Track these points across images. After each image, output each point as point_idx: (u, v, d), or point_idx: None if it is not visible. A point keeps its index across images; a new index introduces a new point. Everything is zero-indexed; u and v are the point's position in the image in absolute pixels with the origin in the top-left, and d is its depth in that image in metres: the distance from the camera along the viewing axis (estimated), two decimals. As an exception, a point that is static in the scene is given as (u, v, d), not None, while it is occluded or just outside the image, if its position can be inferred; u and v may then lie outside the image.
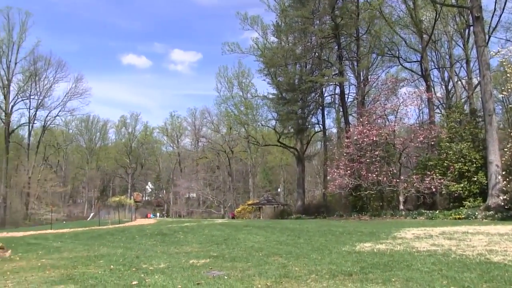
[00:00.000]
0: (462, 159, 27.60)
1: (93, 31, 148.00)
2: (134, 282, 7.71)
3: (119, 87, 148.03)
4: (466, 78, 39.68)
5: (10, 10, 66.20)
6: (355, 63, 39.76)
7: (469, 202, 25.69)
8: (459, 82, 42.62)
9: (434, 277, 7.12)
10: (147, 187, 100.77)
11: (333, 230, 16.61)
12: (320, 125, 47.39)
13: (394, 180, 27.81)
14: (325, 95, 46.98)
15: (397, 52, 39.42)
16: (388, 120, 32.03)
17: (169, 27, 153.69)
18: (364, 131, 28.54)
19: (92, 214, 71.20)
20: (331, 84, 44.14)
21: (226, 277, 7.94)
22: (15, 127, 71.48)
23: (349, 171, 29.14)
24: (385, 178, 27.55)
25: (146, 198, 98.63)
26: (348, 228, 17.75)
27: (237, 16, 49.44)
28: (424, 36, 35.32)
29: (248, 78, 66.76)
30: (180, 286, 7.22)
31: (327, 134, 48.35)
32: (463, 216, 23.00)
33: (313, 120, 46.94)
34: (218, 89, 69.54)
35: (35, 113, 71.74)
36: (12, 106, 67.99)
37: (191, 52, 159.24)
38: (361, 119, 30.73)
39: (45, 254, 13.58)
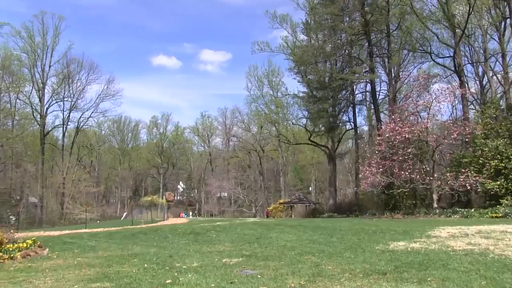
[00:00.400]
0: (498, 156, 26.82)
1: (124, 33, 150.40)
2: (168, 281, 7.79)
3: (150, 88, 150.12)
4: (502, 72, 38.54)
5: (45, 15, 67.81)
6: (386, 60, 39.23)
7: (507, 200, 24.96)
8: (494, 77, 41.44)
9: (471, 277, 6.97)
10: (178, 186, 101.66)
11: (365, 229, 16.44)
12: (351, 123, 47.07)
13: (427, 177, 27.30)
14: (356, 93, 46.65)
15: (429, 48, 38.57)
16: (420, 117, 31.45)
17: (198, 27, 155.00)
18: (396, 128, 28.13)
19: (125, 214, 72.35)
20: (362, 82, 43.78)
21: (259, 276, 7.94)
22: (50, 128, 73.27)
23: (381, 169, 28.78)
24: (418, 176, 27.09)
25: (178, 197, 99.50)
26: (381, 226, 17.53)
27: (266, 15, 49.36)
28: (457, 30, 34.46)
29: (278, 77, 66.72)
30: (213, 285, 7.26)
31: (358, 131, 47.93)
32: (500, 215, 22.35)
33: (344, 118, 46.71)
34: (248, 88, 69.69)
35: (69, 115, 73.40)
36: (47, 109, 69.68)
37: (220, 52, 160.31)
38: (393, 116, 30.28)
39: (81, 253, 13.84)
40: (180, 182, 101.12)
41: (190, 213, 77.20)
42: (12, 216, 35.57)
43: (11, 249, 12.87)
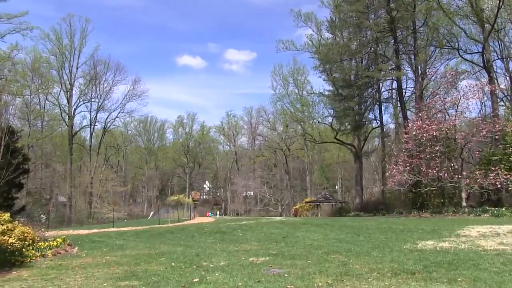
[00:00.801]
0: (530, 153, 26.22)
1: (149, 34, 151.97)
2: (196, 280, 7.85)
3: (176, 88, 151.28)
4: (533, 67, 37.70)
5: (72, 17, 69.00)
6: (413, 57, 38.65)
7: (539, 199, 24.38)
8: (525, 72, 40.50)
9: (505, 278, 6.82)
10: (204, 186, 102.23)
11: (393, 228, 16.28)
12: (378, 121, 46.61)
13: (456, 176, 26.84)
14: (382, 91, 46.09)
15: (457, 44, 37.80)
16: (448, 114, 30.89)
17: (223, 27, 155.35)
18: (424, 126, 27.73)
19: (152, 213, 73.18)
20: (388, 79, 43.26)
21: (286, 275, 7.95)
22: (77, 129, 74.52)
23: (408, 167, 28.42)
24: (446, 174, 26.66)
25: (204, 196, 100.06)
26: (409, 225, 17.33)
27: (291, 14, 49.26)
28: (486, 25, 33.66)
29: (303, 75, 66.46)
30: (240, 284, 7.28)
31: (384, 130, 47.40)
32: (532, 214, 21.88)
33: (370, 116, 46.24)
34: (274, 87, 69.63)
35: (96, 115, 74.58)
36: (75, 109, 70.91)
37: (245, 51, 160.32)
38: (419, 114, 29.86)
39: (109, 252, 14.05)
40: (206, 182, 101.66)
41: (218, 212, 77.59)
42: (43, 215, 36.33)
43: (42, 247, 13.17)
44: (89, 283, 8.07)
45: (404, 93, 41.41)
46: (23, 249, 12.00)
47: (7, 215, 13.30)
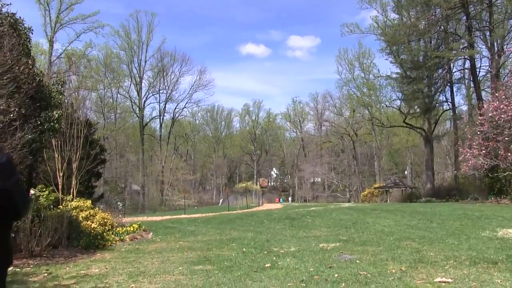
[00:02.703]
0: None
1: (213, 24, 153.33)
2: (267, 265, 7.96)
3: (241, 76, 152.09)
4: None
5: (139, 13, 71.49)
6: (488, 33, 36.57)
7: None
8: None
9: None
10: (272, 172, 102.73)
11: (468, 214, 15.67)
12: (449, 103, 44.73)
13: (539, 159, 25.37)
14: (453, 71, 44.07)
15: (542, 15, 35.16)
16: (529, 93, 29.20)
17: (285, 13, 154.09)
18: (501, 106, 26.27)
19: (221, 200, 74.59)
20: (460, 59, 41.37)
21: (358, 261, 7.89)
22: (148, 120, 77.19)
23: (484, 151, 27.16)
24: (527, 157, 25.26)
25: (272, 183, 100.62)
26: (486, 212, 16.60)
27: (355, -4, 48.13)
28: None
29: (369, 59, 65.21)
30: (312, 269, 7.30)
31: (457, 112, 45.39)
32: None
33: (441, 98, 44.42)
34: (339, 72, 68.75)
35: (165, 106, 77.08)
36: (144, 101, 73.63)
37: (309, 37, 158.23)
38: (496, 94, 28.29)
39: (182, 237, 14.51)
40: (274, 168, 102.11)
41: (290, 198, 78.00)
42: (119, 202, 37.97)
43: (120, 232, 13.87)
44: (165, 267, 8.40)
45: (478, 73, 39.34)
46: (104, 234, 12.72)
47: (89, 202, 14.10)
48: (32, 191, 13.16)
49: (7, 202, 2.51)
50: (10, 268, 8.65)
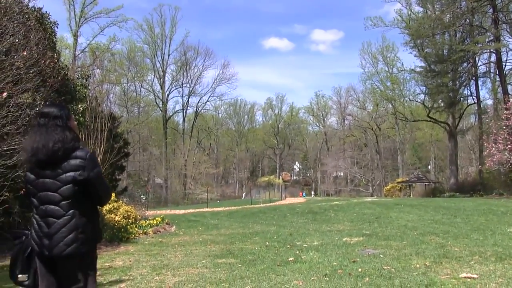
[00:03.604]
0: None
1: (235, 18, 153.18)
2: (290, 259, 7.98)
3: (264, 70, 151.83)
4: None
5: (162, 7, 71.96)
6: (515, 26, 35.95)
7: None
8: None
9: None
10: (294, 166, 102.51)
11: (493, 210, 15.47)
12: (474, 97, 44.02)
13: None
14: (478, 65, 43.32)
15: None
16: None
17: (308, 7, 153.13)
18: (528, 100, 25.87)
19: (244, 194, 74.85)
20: (486, 52, 40.62)
21: (381, 256, 7.85)
22: (171, 114, 77.85)
23: (509, 146, 26.73)
24: (555, 152, 24.78)
25: (294, 177, 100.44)
26: (511, 207, 16.38)
27: (379, -12, 47.61)
28: None
29: (393, 52, 64.77)
30: (335, 264, 7.30)
31: (482, 106, 44.70)
32: None
33: (466, 92, 43.80)
34: (363, 66, 68.41)
35: (188, 100, 77.47)
36: (168, 95, 74.18)
37: (332, 30, 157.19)
38: (523, 88, 27.86)
39: (205, 230, 14.61)
40: (296, 162, 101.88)
41: (313, 192, 77.90)
42: (142, 195, 38.39)
43: (144, 225, 14.03)
44: (189, 260, 8.48)
45: (504, 66, 38.59)
46: (128, 227, 12.90)
47: (112, 195, 14.29)
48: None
49: (92, 191, 3.18)
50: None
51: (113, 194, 14.56)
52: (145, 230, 13.50)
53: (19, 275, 3.30)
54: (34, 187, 3.18)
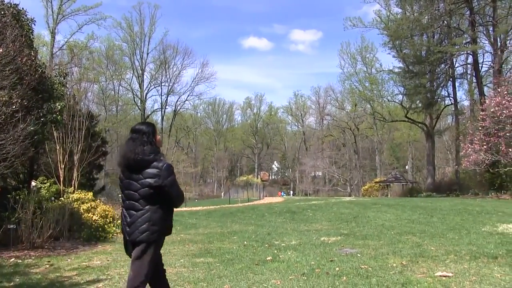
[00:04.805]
0: None
1: (216, 17, 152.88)
2: (269, 258, 8.00)
3: (243, 70, 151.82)
4: None
5: (141, 5, 71.29)
6: (491, 29, 36.28)
7: None
8: None
9: None
10: (273, 166, 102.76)
11: (469, 209, 15.71)
12: (451, 98, 44.62)
13: (540, 155, 25.33)
14: (456, 66, 43.97)
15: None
16: (532, 89, 29.08)
17: (288, 7, 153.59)
18: (503, 102, 26.17)
19: (222, 193, 74.69)
20: (463, 54, 41.17)
21: (359, 255, 7.93)
22: (149, 112, 77.10)
23: (485, 146, 27.12)
24: (529, 153, 25.20)
25: (273, 177, 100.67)
26: (486, 207, 16.65)
27: (358, -11, 47.96)
28: None
29: (371, 53, 65.18)
30: (313, 263, 7.34)
31: (459, 107, 45.37)
32: None
33: (443, 93, 44.36)
34: (341, 66, 68.81)
35: (166, 99, 77.01)
36: (146, 94, 73.64)
37: (311, 30, 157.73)
38: (498, 90, 28.18)
39: (183, 230, 14.56)
40: (275, 162, 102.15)
41: (291, 192, 78.14)
42: (120, 194, 38.00)
43: (122, 224, 13.83)
44: (167, 259, 8.41)
45: (480, 68, 39.24)
46: (105, 226, 12.76)
47: (90, 194, 14.13)
48: (33, 183, 13.20)
49: (166, 195, 3.95)
50: (12, 259, 8.73)
51: (91, 193, 14.38)
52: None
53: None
54: (123, 185, 4.10)
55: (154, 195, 3.92)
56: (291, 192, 79.61)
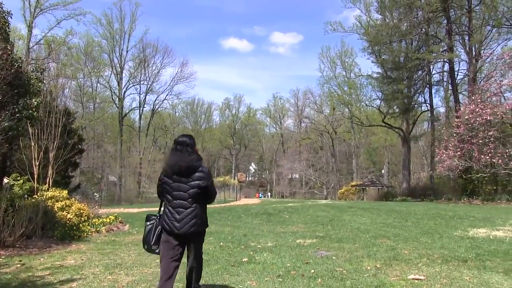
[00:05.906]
0: None
1: (197, 16, 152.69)
2: (244, 259, 8.02)
3: (222, 70, 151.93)
4: None
5: (122, 2, 70.90)
6: (467, 38, 37.06)
7: None
8: None
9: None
10: (250, 167, 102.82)
11: (442, 214, 16.02)
12: (427, 104, 45.27)
13: (511, 162, 25.91)
14: (433, 73, 44.63)
15: (517, 23, 35.71)
16: (504, 98, 29.75)
17: (269, 9, 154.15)
18: (477, 110, 26.75)
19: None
20: (440, 61, 41.89)
21: (334, 258, 8.00)
22: (127, 111, 76.72)
23: (459, 153, 27.65)
24: (500, 161, 25.70)
25: (250, 178, 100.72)
26: (459, 212, 16.98)
27: (339, -6, 48.34)
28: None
29: (351, 58, 65.91)
30: (289, 265, 7.38)
31: (434, 113, 46.11)
32: None
33: (420, 99, 44.92)
34: (321, 70, 69.62)
35: (145, 98, 76.71)
36: (125, 92, 73.07)
37: (291, 33, 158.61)
38: (473, 97, 28.78)
39: (160, 230, 14.41)
40: (252, 163, 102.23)
41: (268, 193, 78.23)
42: (96, 193, 37.60)
43: (97, 223, 13.70)
44: (142, 259, 8.39)
45: (456, 76, 39.97)
46: (80, 225, 12.58)
47: (65, 192, 13.93)
48: (5, 180, 12.96)
49: (208, 193, 4.92)
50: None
51: (66, 192, 14.19)
52: (98, 229, 13.21)
53: (153, 246, 5.06)
54: (170, 187, 4.82)
55: (200, 194, 4.82)
56: (268, 193, 79.71)
